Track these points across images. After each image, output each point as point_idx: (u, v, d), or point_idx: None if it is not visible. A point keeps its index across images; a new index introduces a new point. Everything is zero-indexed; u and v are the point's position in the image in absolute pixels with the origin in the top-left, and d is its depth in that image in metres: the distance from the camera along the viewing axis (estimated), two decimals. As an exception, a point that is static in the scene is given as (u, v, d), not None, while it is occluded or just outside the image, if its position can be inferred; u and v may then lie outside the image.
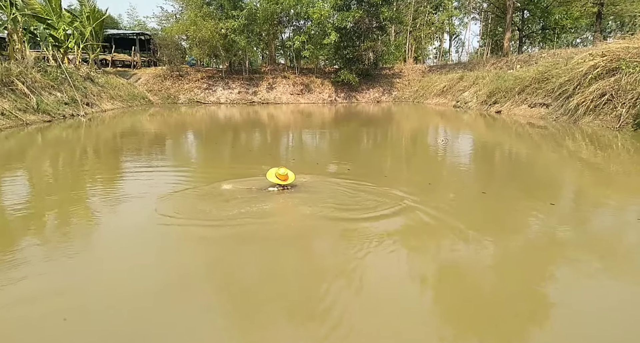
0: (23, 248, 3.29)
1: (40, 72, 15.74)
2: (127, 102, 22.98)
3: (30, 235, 3.56)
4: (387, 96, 30.44)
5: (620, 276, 2.85)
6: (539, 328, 2.23)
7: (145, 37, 33.68)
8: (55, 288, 2.67)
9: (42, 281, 2.76)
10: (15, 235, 3.56)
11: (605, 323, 2.27)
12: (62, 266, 2.98)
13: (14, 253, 3.18)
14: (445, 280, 2.83)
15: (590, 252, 3.23)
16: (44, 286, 2.70)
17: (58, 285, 2.72)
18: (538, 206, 4.34)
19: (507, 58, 25.30)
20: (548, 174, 6.35)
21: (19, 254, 3.15)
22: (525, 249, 3.30)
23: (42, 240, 3.44)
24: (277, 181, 4.64)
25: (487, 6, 35.51)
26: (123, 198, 4.71)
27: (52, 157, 8.14)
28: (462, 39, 49.40)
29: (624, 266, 3.01)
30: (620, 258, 3.16)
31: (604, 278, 2.83)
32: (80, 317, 2.33)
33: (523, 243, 3.41)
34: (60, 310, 2.38)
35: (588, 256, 3.15)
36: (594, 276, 2.85)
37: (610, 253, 3.24)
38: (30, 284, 2.72)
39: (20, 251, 3.22)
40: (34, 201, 4.62)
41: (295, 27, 30.65)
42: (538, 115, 14.24)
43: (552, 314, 2.36)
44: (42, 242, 3.41)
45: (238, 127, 14.87)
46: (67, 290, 2.66)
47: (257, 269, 3.01)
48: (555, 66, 15.29)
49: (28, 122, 12.63)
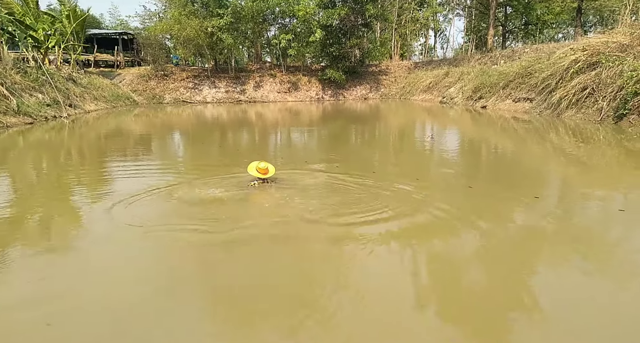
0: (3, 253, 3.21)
1: (19, 74, 15.38)
2: (112, 103, 22.62)
3: (7, 240, 3.48)
4: (374, 93, 30.55)
5: (603, 268, 2.91)
6: (523, 322, 2.27)
7: (128, 36, 33.13)
8: (37, 294, 2.62)
9: (21, 288, 2.71)
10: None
11: (589, 317, 2.31)
12: (40, 272, 2.92)
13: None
14: (428, 271, 2.86)
15: (574, 244, 3.29)
16: (24, 292, 2.65)
17: (38, 290, 2.68)
18: (523, 200, 4.40)
19: (491, 54, 25.58)
20: (533, 167, 6.45)
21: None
22: (510, 242, 3.34)
23: (19, 245, 3.37)
24: (257, 174, 4.74)
25: (471, 2, 35.87)
26: (104, 199, 4.63)
27: (33, 160, 7.97)
28: (446, 36, 49.94)
29: (606, 258, 3.08)
30: (603, 250, 3.22)
31: (587, 270, 2.89)
32: (64, 323, 2.29)
33: (508, 237, 3.46)
34: (44, 315, 2.35)
35: (572, 248, 3.21)
36: (577, 268, 2.91)
37: (593, 244, 3.31)
38: (9, 290, 2.67)
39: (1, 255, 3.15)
40: (8, 206, 4.52)
41: (280, 25, 30.52)
42: (522, 109, 14.46)
43: (534, 307, 2.40)
44: (19, 247, 3.33)
45: (225, 126, 14.76)
46: (49, 295, 2.61)
47: (246, 274, 3.00)
48: (538, 60, 15.54)
49: (8, 124, 12.34)
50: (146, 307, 2.47)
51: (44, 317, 2.32)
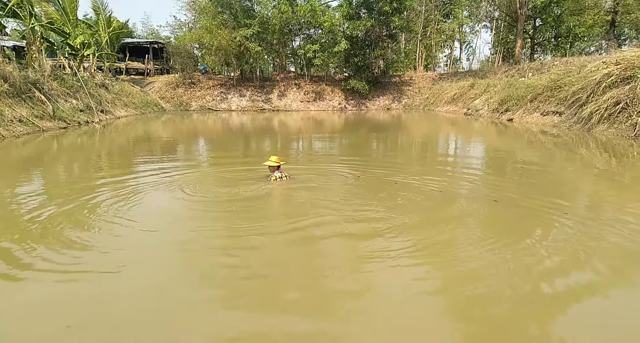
0: (32, 252, 3.34)
1: (56, 80, 16.14)
2: (141, 110, 23.37)
3: (35, 240, 3.61)
4: (397, 104, 30.44)
5: (629, 293, 2.78)
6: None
7: (158, 45, 34.33)
8: (60, 295, 2.71)
9: (47, 288, 2.81)
10: (26, 238, 3.62)
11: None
12: (66, 273, 3.02)
13: (23, 257, 3.23)
14: (451, 287, 2.79)
15: (605, 266, 3.15)
16: (49, 293, 2.74)
17: (64, 291, 2.76)
18: (551, 216, 4.26)
19: (519, 66, 25.14)
20: (562, 183, 6.25)
21: (28, 258, 3.21)
22: (534, 259, 3.23)
23: (47, 246, 3.49)
24: (273, 164, 5.50)
25: (498, 14, 35.43)
26: (137, 199, 4.76)
27: (66, 162, 8.30)
28: (473, 47, 49.35)
29: (633, 281, 2.94)
30: (631, 271, 3.08)
31: (618, 295, 2.76)
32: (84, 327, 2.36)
33: (532, 253, 3.35)
34: (65, 317, 2.43)
35: (602, 270, 3.08)
36: (606, 291, 2.79)
37: (626, 268, 3.17)
38: (35, 289, 2.77)
39: (30, 255, 3.27)
40: (41, 206, 4.69)
41: (305, 36, 30.94)
42: (551, 123, 14.08)
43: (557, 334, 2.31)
44: (47, 248, 3.45)
45: (249, 134, 14.97)
46: (73, 298, 2.69)
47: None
48: (568, 74, 15.14)
49: (44, 129, 12.91)
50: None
51: (65, 319, 2.39)
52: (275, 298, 2.65)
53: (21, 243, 3.48)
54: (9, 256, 3.25)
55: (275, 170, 5.57)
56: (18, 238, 3.61)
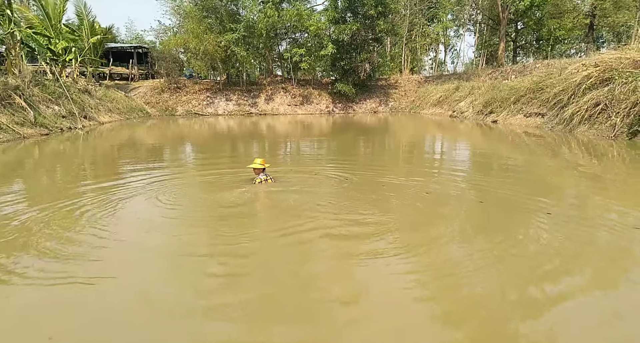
0: (12, 261, 3.25)
1: (38, 86, 15.82)
2: (125, 115, 23.06)
3: (20, 248, 3.52)
4: (383, 107, 30.67)
5: (615, 290, 2.84)
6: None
7: (143, 50, 33.96)
8: (42, 306, 2.64)
9: (27, 298, 2.74)
10: (8, 247, 3.52)
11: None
12: (47, 283, 2.95)
13: (3, 267, 3.15)
14: (435, 287, 2.81)
15: (586, 263, 3.22)
16: (30, 303, 2.68)
17: (45, 301, 2.70)
18: (535, 216, 4.33)
19: (502, 69, 25.57)
20: (545, 182, 6.36)
21: (8, 268, 3.13)
22: (521, 259, 3.28)
23: (27, 255, 3.41)
24: (257, 166, 5.54)
25: (482, 18, 36.05)
26: (118, 203, 4.68)
27: (47, 170, 8.13)
28: (457, 50, 50.09)
29: (618, 278, 3.00)
30: (615, 269, 3.14)
31: (598, 291, 2.81)
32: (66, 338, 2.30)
33: (519, 253, 3.39)
34: (47, 328, 2.37)
35: (583, 267, 3.14)
36: (586, 289, 2.84)
37: (607, 263, 3.23)
38: (15, 299, 2.70)
39: (10, 264, 3.19)
40: (20, 214, 4.58)
41: (291, 40, 30.99)
42: (534, 124, 14.35)
43: (538, 329, 2.34)
44: (27, 257, 3.37)
45: (236, 138, 14.89)
46: (54, 308, 2.63)
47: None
48: (549, 76, 15.47)
49: (25, 135, 12.64)
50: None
51: (46, 330, 2.32)
52: (264, 307, 2.63)
53: (1, 253, 3.39)
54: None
55: (260, 173, 5.63)
56: (0, 249, 3.51)
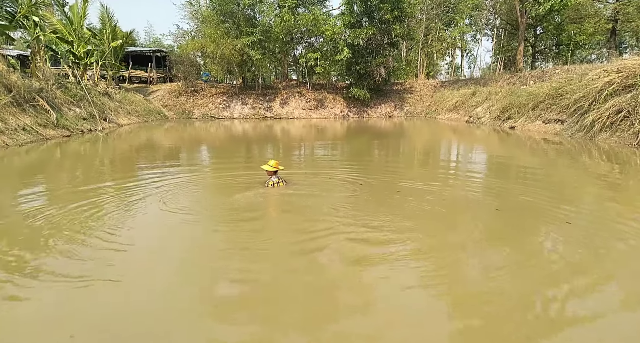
0: (36, 259, 3.33)
1: (60, 89, 16.26)
2: (143, 118, 23.50)
3: (41, 248, 3.61)
4: (398, 111, 30.52)
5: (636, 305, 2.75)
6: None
7: (161, 54, 34.62)
8: (64, 305, 2.70)
9: (51, 297, 2.80)
10: (30, 246, 3.61)
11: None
12: (70, 282, 3.01)
13: (27, 267, 3.23)
14: (450, 301, 2.77)
15: (609, 278, 3.13)
16: (53, 302, 2.73)
17: (68, 300, 2.75)
18: (554, 225, 4.24)
19: (520, 74, 25.22)
20: (564, 191, 6.22)
21: (31, 268, 3.21)
22: (539, 271, 3.20)
23: (49, 256, 3.49)
24: (271, 168, 5.56)
25: (499, 23, 35.65)
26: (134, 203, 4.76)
27: (68, 170, 8.33)
28: (474, 55, 49.57)
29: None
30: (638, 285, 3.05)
31: (622, 310, 2.73)
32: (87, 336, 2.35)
33: (537, 265, 3.32)
34: (69, 327, 2.41)
35: (606, 283, 3.05)
36: (609, 307, 2.76)
37: (632, 279, 3.14)
38: (39, 298, 2.76)
39: (34, 262, 3.27)
40: (41, 215, 4.69)
41: (307, 44, 31.16)
42: (553, 131, 14.08)
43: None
44: (49, 258, 3.45)
45: (251, 141, 15.00)
46: (77, 307, 2.68)
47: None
48: (569, 82, 15.17)
49: (48, 137, 12.98)
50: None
51: (69, 329, 2.37)
52: (273, 313, 2.63)
53: (24, 253, 3.48)
54: (13, 266, 3.25)
55: (272, 175, 5.66)
56: (21, 248, 3.61)
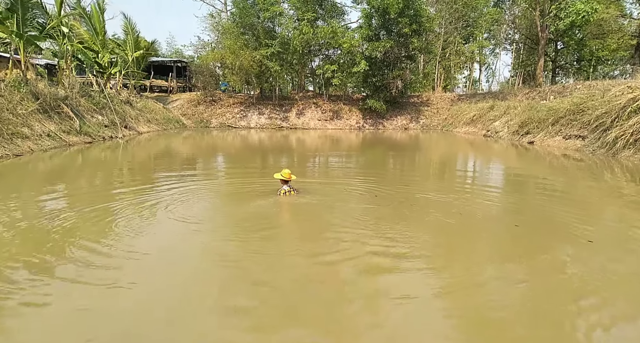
0: (57, 265, 3.39)
1: (84, 97, 16.76)
2: (163, 126, 23.97)
3: (59, 251, 3.67)
4: (414, 124, 30.39)
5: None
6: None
7: (181, 64, 35.43)
8: (84, 309, 2.73)
9: (70, 301, 2.83)
10: (48, 249, 3.69)
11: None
12: (91, 287, 3.05)
13: (49, 271, 3.29)
14: (466, 314, 2.69)
15: (636, 304, 3.00)
16: (73, 306, 2.77)
17: (88, 304, 2.78)
18: (574, 243, 4.12)
19: (540, 89, 24.89)
20: (585, 208, 6.04)
21: (53, 271, 3.26)
22: (558, 290, 3.10)
23: (70, 259, 3.54)
24: (282, 178, 5.71)
25: (519, 37, 35.40)
26: (152, 208, 4.82)
27: (89, 176, 8.52)
28: (492, 69, 49.20)
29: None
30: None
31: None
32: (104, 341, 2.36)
33: (559, 288, 3.22)
34: (87, 331, 2.43)
35: (632, 310, 2.93)
36: (634, 337, 2.64)
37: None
38: (59, 302, 2.80)
39: (54, 268, 3.33)
40: (64, 218, 4.79)
41: (324, 56, 31.49)
42: (574, 147, 13.78)
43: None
44: (69, 261, 3.50)
45: (267, 150, 15.12)
46: (96, 311, 2.71)
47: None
48: (591, 97, 14.88)
49: (71, 143, 13.35)
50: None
51: (86, 332, 2.39)
52: (284, 322, 2.61)
53: (44, 257, 3.55)
54: (35, 269, 3.31)
55: (284, 183, 5.82)
56: (40, 252, 3.68)
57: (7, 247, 3.80)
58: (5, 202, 5.56)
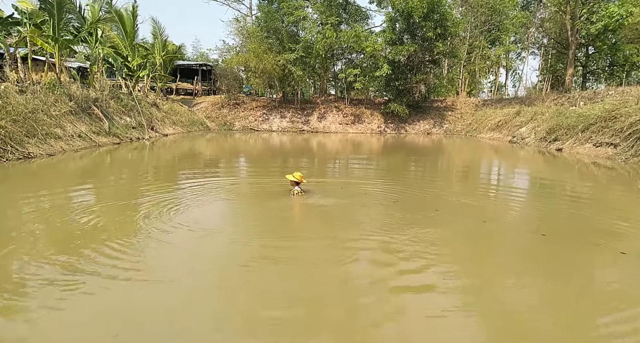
0: (85, 261, 3.51)
1: (113, 99, 17.30)
2: (187, 128, 24.49)
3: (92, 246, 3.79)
4: (437, 129, 29.95)
5: None
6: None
7: (207, 67, 36.14)
8: (111, 304, 2.81)
9: (98, 297, 2.92)
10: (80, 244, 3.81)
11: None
12: (119, 282, 3.13)
13: (75, 266, 3.41)
14: (494, 323, 2.62)
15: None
16: (100, 301, 2.85)
17: (115, 300, 2.86)
18: (606, 254, 3.96)
19: (569, 94, 24.13)
20: (617, 218, 5.80)
21: (80, 266, 3.38)
22: (590, 308, 2.99)
23: (98, 255, 3.65)
24: (294, 179, 6.14)
25: (548, 41, 34.47)
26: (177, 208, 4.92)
27: (118, 175, 8.79)
28: (519, 74, 48.01)
29: None
30: None
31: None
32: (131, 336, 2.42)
33: (588, 301, 3.10)
34: (113, 326, 2.50)
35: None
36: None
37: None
38: (87, 297, 2.89)
39: (82, 264, 3.44)
40: (93, 216, 4.94)
41: (347, 60, 31.49)
42: (605, 155, 13.29)
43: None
44: (97, 257, 3.61)
45: (288, 153, 15.21)
46: (123, 307, 2.78)
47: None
48: (624, 104, 14.34)
49: (100, 144, 13.81)
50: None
51: (112, 328, 2.46)
52: (302, 325, 2.62)
53: (75, 253, 3.68)
54: (64, 265, 3.43)
55: (295, 185, 6.24)
56: (73, 247, 3.82)
57: (38, 243, 3.96)
58: (37, 199, 5.79)
